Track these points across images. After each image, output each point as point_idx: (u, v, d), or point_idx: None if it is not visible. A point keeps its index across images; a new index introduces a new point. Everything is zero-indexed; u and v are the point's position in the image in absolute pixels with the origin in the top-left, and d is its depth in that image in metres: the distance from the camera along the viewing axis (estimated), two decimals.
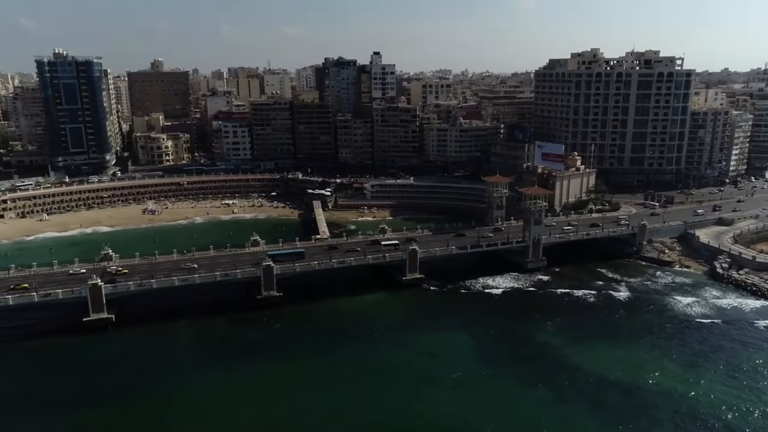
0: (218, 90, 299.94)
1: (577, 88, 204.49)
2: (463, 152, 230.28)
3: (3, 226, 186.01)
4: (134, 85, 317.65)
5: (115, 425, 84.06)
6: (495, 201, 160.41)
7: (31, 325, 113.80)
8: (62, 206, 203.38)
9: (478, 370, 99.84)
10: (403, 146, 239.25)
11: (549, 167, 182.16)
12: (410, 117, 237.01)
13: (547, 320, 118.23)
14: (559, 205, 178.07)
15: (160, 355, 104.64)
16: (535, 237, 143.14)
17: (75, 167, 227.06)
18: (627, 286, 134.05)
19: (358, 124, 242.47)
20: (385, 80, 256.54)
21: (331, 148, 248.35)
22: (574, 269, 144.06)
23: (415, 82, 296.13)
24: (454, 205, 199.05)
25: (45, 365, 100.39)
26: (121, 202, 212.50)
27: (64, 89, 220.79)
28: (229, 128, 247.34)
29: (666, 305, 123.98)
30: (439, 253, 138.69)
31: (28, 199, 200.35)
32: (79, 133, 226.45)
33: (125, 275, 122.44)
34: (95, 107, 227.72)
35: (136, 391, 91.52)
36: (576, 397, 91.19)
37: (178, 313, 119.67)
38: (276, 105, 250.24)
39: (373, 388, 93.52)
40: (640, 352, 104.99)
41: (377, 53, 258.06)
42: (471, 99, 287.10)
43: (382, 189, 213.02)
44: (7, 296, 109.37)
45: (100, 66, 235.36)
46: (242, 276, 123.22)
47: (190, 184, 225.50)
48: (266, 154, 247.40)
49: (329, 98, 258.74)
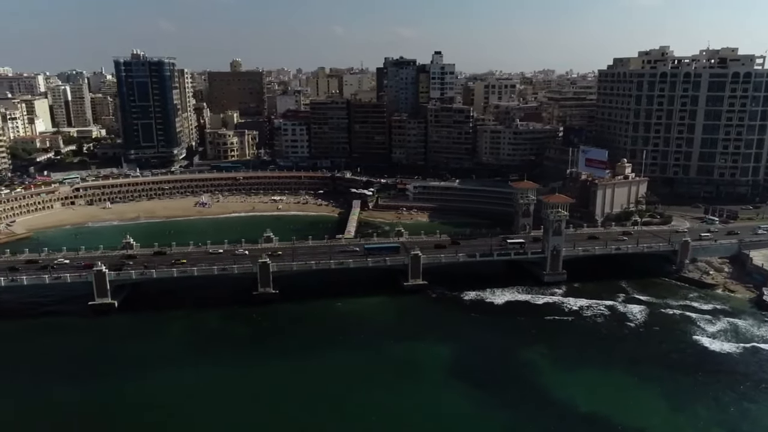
0: (289, 89, 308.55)
1: (638, 89, 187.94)
2: (517, 155, 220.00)
3: (72, 212, 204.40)
4: (213, 84, 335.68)
5: (80, 405, 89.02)
6: (521, 208, 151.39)
7: (42, 303, 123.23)
8: (126, 196, 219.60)
9: (447, 386, 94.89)
10: (456, 148, 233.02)
11: (593, 174, 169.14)
12: (464, 118, 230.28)
13: (542, 340, 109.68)
14: (601, 215, 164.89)
15: (149, 343, 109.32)
16: (554, 248, 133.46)
17: (145, 160, 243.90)
18: (649, 309, 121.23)
19: (412, 125, 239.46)
20: (443, 80, 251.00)
21: (385, 148, 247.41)
22: (596, 286, 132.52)
23: (478, 82, 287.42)
24: (496, 210, 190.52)
25: (41, 343, 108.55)
26: (179, 195, 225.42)
27: (137, 87, 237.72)
28: (288, 126, 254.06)
29: (687, 334, 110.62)
30: (445, 260, 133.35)
31: (97, 188, 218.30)
32: (150, 129, 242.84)
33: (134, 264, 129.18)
34: (165, 104, 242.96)
35: (111, 375, 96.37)
36: (534, 428, 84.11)
37: (179, 304, 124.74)
38: (333, 104, 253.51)
39: (337, 392, 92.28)
40: (634, 386, 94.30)
41: (438, 53, 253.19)
42: (535, 101, 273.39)
43: (425, 191, 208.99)
44: (23, 276, 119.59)
45: (172, 66, 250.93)
46: (239, 271, 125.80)
47: (245, 180, 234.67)
48: (323, 153, 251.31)
49: (386, 98, 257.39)
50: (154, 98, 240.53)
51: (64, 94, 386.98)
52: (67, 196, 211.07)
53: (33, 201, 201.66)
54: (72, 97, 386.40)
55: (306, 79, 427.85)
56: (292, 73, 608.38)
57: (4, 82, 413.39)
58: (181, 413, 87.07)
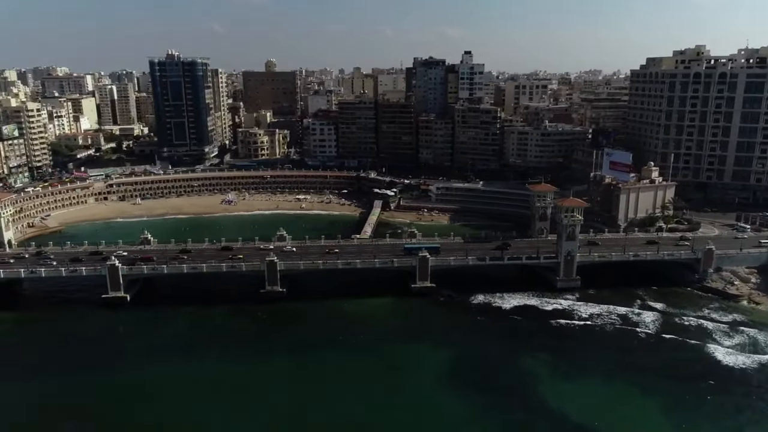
0: (321, 89, 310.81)
1: (670, 90, 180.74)
2: (544, 157, 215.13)
3: (104, 207, 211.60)
4: (248, 84, 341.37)
5: (77, 393, 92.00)
6: (538, 211, 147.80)
7: (61, 293, 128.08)
8: (156, 193, 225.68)
9: (440, 391, 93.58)
10: (483, 149, 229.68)
11: (617, 177, 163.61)
12: (491, 118, 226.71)
13: (546, 347, 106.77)
14: (625, 220, 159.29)
15: (154, 336, 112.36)
16: (568, 254, 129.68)
17: (177, 157, 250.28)
18: (664, 318, 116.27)
19: (439, 125, 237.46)
20: (473, 80, 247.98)
21: (412, 149, 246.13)
22: (611, 293, 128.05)
23: (508, 82, 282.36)
24: (518, 212, 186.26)
25: (50, 332, 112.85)
26: (207, 192, 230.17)
27: (171, 87, 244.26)
28: (317, 126, 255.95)
29: (701, 346, 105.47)
30: (454, 263, 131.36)
31: (129, 185, 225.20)
32: (182, 127, 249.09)
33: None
34: (197, 103, 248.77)
35: (110, 367, 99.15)
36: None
37: (189, 300, 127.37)
38: (361, 104, 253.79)
39: (330, 392, 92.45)
40: (634, 397, 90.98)
41: (468, 53, 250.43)
42: (566, 101, 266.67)
43: (448, 192, 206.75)
44: (41, 268, 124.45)
45: (205, 66, 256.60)
46: (247, 269, 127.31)
47: (272, 178, 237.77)
48: (350, 152, 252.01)
49: (414, 98, 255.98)
50: (187, 97, 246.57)
51: (111, 94, 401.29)
52: (100, 191, 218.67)
53: (68, 196, 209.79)
54: (118, 96, 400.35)
55: (341, 79, 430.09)
56: (335, 73, 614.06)
57: (55, 82, 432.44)
58: (174, 405, 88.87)
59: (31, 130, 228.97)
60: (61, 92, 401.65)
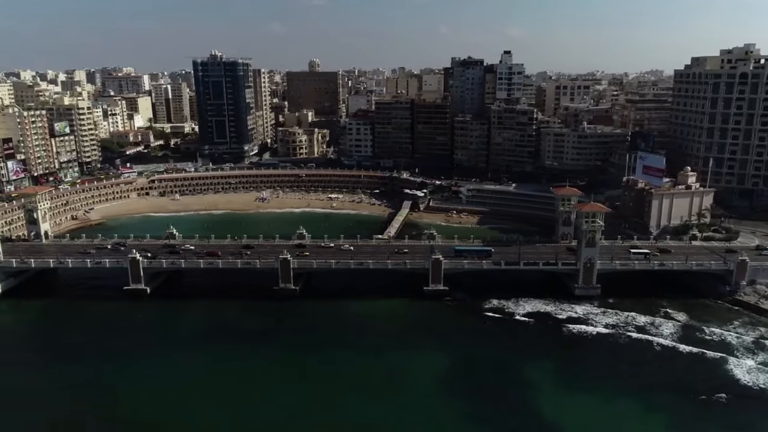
0: (361, 90, 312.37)
1: (714, 91, 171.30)
2: (581, 160, 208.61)
3: (144, 202, 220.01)
4: (291, 84, 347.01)
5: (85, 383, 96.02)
6: (561, 215, 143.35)
7: (92, 282, 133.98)
8: (195, 189, 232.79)
9: (435, 396, 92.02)
10: (518, 150, 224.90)
11: (650, 182, 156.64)
12: (527, 119, 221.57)
13: (552, 355, 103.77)
14: (657, 227, 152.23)
15: (165, 328, 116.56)
16: (588, 260, 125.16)
17: (218, 155, 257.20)
18: (685, 332, 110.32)
19: (474, 126, 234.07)
20: (511, 80, 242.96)
21: (447, 149, 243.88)
22: (633, 303, 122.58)
23: (549, 82, 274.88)
24: (549, 216, 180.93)
25: (73, 320, 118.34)
26: (243, 189, 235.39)
27: (213, 86, 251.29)
28: (353, 126, 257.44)
29: (721, 363, 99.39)
30: (468, 266, 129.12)
31: (170, 181, 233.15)
32: (223, 126, 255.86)
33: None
34: (237, 103, 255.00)
35: (116, 356, 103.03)
36: None
37: (205, 294, 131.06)
38: (397, 104, 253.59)
39: (322, 392, 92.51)
40: (638, 414, 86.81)
41: (507, 52, 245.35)
42: (606, 102, 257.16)
43: (478, 194, 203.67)
44: (67, 259, 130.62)
45: (246, 66, 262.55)
46: (261, 266, 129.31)
47: (307, 177, 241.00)
48: (386, 152, 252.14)
49: (450, 98, 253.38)
50: (228, 97, 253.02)
51: (165, 93, 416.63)
52: (142, 187, 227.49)
53: (111, 191, 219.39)
54: (172, 95, 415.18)
55: (386, 79, 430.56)
56: (387, 73, 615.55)
57: (114, 82, 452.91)
58: (166, 397, 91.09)
59: (82, 127, 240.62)
60: (120, 91, 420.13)
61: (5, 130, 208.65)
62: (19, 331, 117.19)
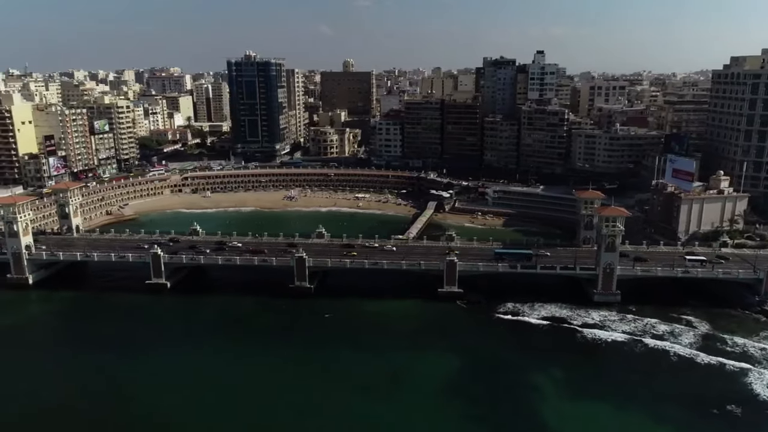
0: (394, 89, 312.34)
1: (753, 92, 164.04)
2: (613, 162, 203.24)
3: (177, 199, 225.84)
4: (325, 84, 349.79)
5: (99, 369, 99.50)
6: (583, 219, 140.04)
7: (115, 279, 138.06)
8: (227, 187, 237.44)
9: (437, 399, 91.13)
10: (549, 152, 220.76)
11: (679, 186, 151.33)
12: (558, 120, 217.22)
13: (562, 362, 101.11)
14: (686, 233, 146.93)
15: (180, 322, 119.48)
16: (607, 266, 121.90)
17: (250, 154, 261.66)
18: (706, 343, 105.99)
19: (504, 126, 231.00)
20: (543, 80, 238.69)
21: (476, 150, 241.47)
22: (654, 311, 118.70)
23: (583, 82, 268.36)
24: (576, 219, 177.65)
25: (95, 311, 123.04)
26: (273, 188, 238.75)
27: (246, 86, 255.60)
28: (383, 125, 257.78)
29: (741, 377, 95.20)
30: (483, 269, 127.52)
31: (202, 179, 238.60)
32: (255, 125, 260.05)
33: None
34: (269, 102, 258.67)
35: (130, 348, 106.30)
36: None
37: (223, 290, 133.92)
38: (427, 104, 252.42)
39: (326, 390, 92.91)
40: (645, 427, 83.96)
41: (540, 52, 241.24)
42: (642, 103, 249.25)
43: (505, 195, 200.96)
44: (93, 253, 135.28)
45: (279, 66, 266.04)
46: (277, 264, 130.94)
47: (336, 176, 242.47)
48: (415, 153, 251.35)
49: (481, 99, 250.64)
50: (260, 96, 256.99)
51: (206, 92, 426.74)
52: (176, 184, 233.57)
53: (146, 187, 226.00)
54: (213, 95, 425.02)
55: (422, 80, 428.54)
56: (427, 73, 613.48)
57: (158, 81, 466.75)
58: (167, 391, 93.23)
59: (120, 126, 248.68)
60: (162, 90, 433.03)
61: (48, 128, 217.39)
62: (45, 320, 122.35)
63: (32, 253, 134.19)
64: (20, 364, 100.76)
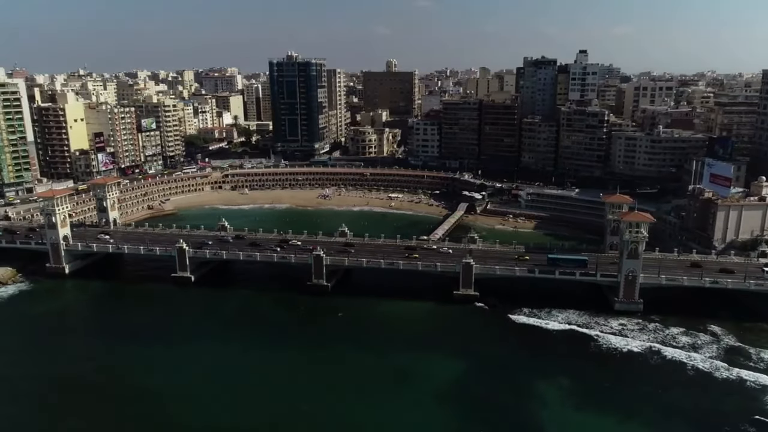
0: (435, 90, 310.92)
1: None
2: (653, 166, 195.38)
3: (216, 195, 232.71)
4: (367, 84, 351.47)
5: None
6: (609, 224, 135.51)
7: (147, 270, 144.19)
8: (264, 184, 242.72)
9: (438, 402, 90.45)
10: (587, 154, 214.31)
11: (716, 192, 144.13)
12: (597, 122, 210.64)
13: (570, 372, 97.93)
14: (722, 241, 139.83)
15: (197, 314, 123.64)
16: (629, 273, 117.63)
17: (289, 152, 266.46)
18: (729, 358, 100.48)
19: (542, 128, 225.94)
20: (585, 81, 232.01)
21: (514, 151, 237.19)
22: (678, 321, 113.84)
23: (628, 84, 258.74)
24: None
25: (128, 303, 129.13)
26: (309, 186, 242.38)
27: (287, 86, 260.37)
28: (420, 125, 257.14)
29: (759, 394, 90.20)
30: (500, 272, 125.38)
31: (242, 176, 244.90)
32: (295, 124, 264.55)
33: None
34: (309, 102, 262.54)
35: (147, 337, 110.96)
36: None
37: (243, 284, 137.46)
38: (465, 104, 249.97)
39: (326, 388, 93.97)
40: None
41: (583, 52, 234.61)
42: (688, 105, 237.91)
43: (538, 198, 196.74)
44: (124, 245, 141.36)
45: (320, 67, 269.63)
46: (295, 261, 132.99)
47: (372, 176, 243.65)
48: (452, 153, 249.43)
49: (520, 99, 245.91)
50: (300, 96, 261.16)
51: (256, 92, 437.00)
52: (216, 180, 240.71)
53: (188, 183, 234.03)
54: (262, 94, 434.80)
55: (467, 80, 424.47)
56: (479, 73, 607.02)
57: (211, 81, 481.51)
58: (171, 379, 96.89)
59: (167, 124, 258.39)
60: (215, 90, 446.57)
61: (98, 125, 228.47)
62: (74, 308, 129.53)
63: (69, 244, 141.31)
64: (46, 348, 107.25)
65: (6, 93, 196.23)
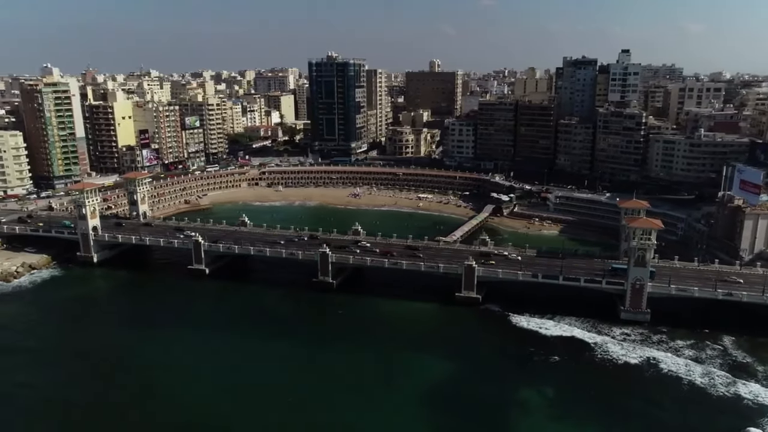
0: (476, 90, 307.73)
1: None
2: (692, 171, 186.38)
3: (251, 192, 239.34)
4: (410, 84, 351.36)
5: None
6: (624, 230, 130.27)
7: (171, 262, 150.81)
8: (299, 182, 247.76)
9: (419, 405, 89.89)
10: (624, 158, 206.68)
11: (746, 199, 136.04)
12: (634, 124, 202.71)
13: (560, 384, 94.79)
14: (750, 251, 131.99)
15: (205, 306, 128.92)
16: (636, 281, 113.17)
17: (327, 151, 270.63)
18: (735, 374, 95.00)
19: (578, 129, 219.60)
20: (626, 81, 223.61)
21: (549, 153, 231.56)
22: (686, 334, 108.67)
23: (673, 85, 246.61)
24: None
25: (145, 293, 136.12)
26: (342, 185, 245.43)
27: (325, 86, 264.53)
28: (456, 126, 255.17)
29: (757, 418, 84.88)
30: (502, 275, 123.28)
31: (278, 173, 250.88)
32: (333, 123, 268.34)
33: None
34: (347, 102, 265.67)
35: (156, 326, 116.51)
36: None
37: (252, 279, 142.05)
38: (500, 105, 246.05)
39: (312, 386, 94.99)
40: None
41: (626, 51, 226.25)
42: (754, 108, 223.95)
43: (567, 202, 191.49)
44: (146, 237, 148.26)
45: (358, 67, 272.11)
46: (302, 258, 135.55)
47: (404, 176, 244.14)
48: (487, 154, 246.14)
49: (556, 100, 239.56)
50: (338, 96, 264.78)
51: (307, 92, 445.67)
52: (253, 177, 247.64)
53: (225, 179, 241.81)
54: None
55: (515, 80, 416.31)
56: (539, 73, 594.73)
57: (264, 81, 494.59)
58: (177, 367, 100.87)
59: (210, 122, 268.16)
60: (267, 90, 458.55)
61: (143, 123, 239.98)
62: (95, 295, 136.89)
63: (97, 235, 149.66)
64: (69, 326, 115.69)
65: (58, 92, 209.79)
